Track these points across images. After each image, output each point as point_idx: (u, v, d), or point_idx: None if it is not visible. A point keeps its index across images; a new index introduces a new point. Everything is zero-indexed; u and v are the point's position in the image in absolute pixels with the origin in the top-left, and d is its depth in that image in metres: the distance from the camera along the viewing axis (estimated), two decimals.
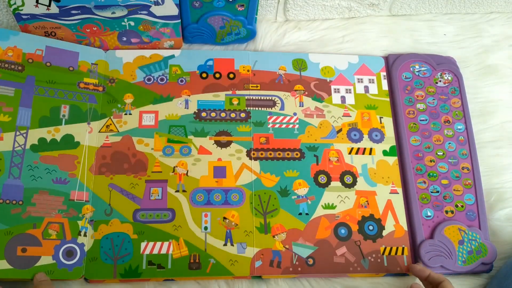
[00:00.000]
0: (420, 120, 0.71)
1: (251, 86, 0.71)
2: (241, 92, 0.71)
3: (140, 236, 0.61)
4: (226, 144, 0.67)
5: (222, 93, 0.70)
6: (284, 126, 0.69)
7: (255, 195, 0.65)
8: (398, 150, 0.69)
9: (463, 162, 0.69)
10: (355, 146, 0.69)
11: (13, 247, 0.58)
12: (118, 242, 0.61)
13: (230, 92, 0.70)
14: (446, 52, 0.77)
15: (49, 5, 0.64)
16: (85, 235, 0.61)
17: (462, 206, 0.66)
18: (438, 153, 0.69)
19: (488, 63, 0.77)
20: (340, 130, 0.69)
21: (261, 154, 0.67)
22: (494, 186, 0.69)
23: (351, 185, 0.66)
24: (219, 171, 0.66)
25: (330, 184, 0.66)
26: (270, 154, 0.67)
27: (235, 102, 0.70)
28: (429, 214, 0.65)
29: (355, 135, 0.69)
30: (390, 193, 0.66)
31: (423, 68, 0.75)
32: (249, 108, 0.70)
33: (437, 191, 0.67)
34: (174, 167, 0.65)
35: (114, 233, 0.61)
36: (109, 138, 0.66)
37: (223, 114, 0.69)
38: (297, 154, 0.67)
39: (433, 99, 0.72)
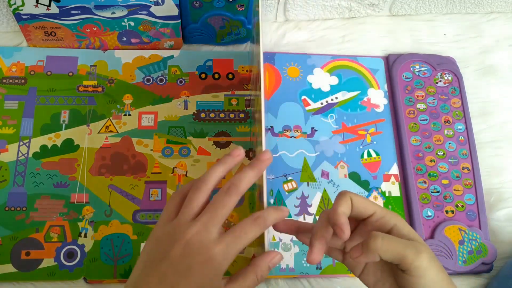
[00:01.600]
0: (420, 120, 0.71)
1: (250, 86, 0.71)
2: (240, 92, 0.71)
3: (140, 237, 0.61)
4: (225, 145, 0.67)
5: (221, 93, 0.70)
6: None
7: (254, 195, 0.65)
8: (398, 150, 0.69)
9: (463, 162, 0.69)
10: None
11: (18, 251, 0.60)
12: (118, 242, 0.61)
13: (229, 93, 0.70)
14: (446, 52, 0.77)
15: (49, 5, 0.63)
16: (85, 236, 0.61)
17: (462, 206, 0.66)
18: (439, 153, 0.69)
19: (488, 63, 0.77)
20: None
21: None
22: (494, 186, 0.69)
23: None
24: None
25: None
26: None
27: (234, 102, 0.70)
28: (429, 214, 0.65)
29: None
30: None
31: (423, 68, 0.74)
32: (248, 108, 0.70)
33: (438, 191, 0.67)
34: (173, 168, 0.65)
35: (114, 234, 0.61)
36: (108, 139, 0.66)
37: (222, 115, 0.69)
38: None
39: (433, 99, 0.72)
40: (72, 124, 0.66)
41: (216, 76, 0.71)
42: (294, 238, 0.62)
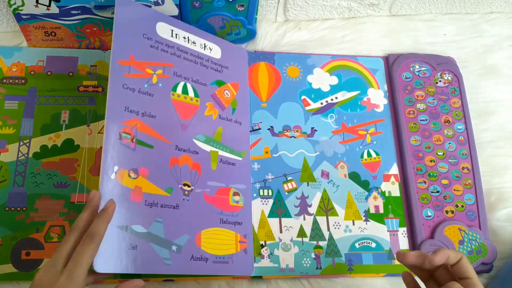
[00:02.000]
0: (420, 120, 0.71)
1: None
2: None
3: None
4: None
5: None
6: None
7: None
8: (398, 150, 0.69)
9: (463, 162, 0.69)
10: None
11: (18, 251, 0.60)
12: None
13: None
14: (446, 52, 0.77)
15: (49, 5, 0.64)
16: None
17: (462, 206, 0.66)
18: (438, 153, 0.69)
19: (488, 63, 0.77)
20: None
21: None
22: (494, 186, 0.69)
23: None
24: None
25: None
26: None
27: None
28: (429, 214, 0.65)
29: None
30: None
31: (423, 68, 0.75)
32: None
33: (437, 191, 0.67)
34: None
35: None
36: None
37: None
38: None
39: (433, 99, 0.72)
40: (72, 124, 0.66)
41: None
42: (294, 238, 0.63)
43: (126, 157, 0.54)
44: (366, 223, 0.65)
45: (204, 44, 0.66)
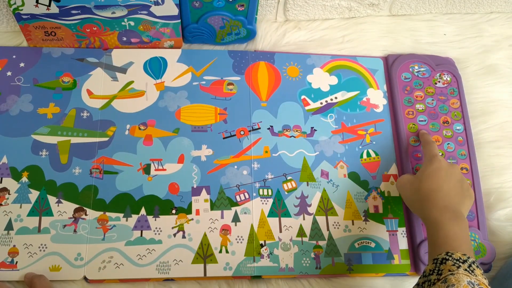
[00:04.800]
0: (419, 121, 0.71)
1: None
2: None
3: None
4: None
5: None
6: None
7: None
8: (397, 150, 0.69)
9: (462, 162, 0.69)
10: None
11: None
12: None
13: None
14: (446, 52, 0.77)
15: (49, 5, 0.64)
16: None
17: None
18: None
19: (488, 63, 0.77)
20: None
21: None
22: (493, 186, 0.69)
23: None
24: None
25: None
26: None
27: None
28: None
29: None
30: None
31: (422, 69, 0.75)
32: None
33: None
34: None
35: None
36: None
37: None
38: None
39: (432, 100, 0.72)
40: None
41: None
42: (294, 238, 0.63)
43: None
44: (366, 223, 0.65)
45: None
